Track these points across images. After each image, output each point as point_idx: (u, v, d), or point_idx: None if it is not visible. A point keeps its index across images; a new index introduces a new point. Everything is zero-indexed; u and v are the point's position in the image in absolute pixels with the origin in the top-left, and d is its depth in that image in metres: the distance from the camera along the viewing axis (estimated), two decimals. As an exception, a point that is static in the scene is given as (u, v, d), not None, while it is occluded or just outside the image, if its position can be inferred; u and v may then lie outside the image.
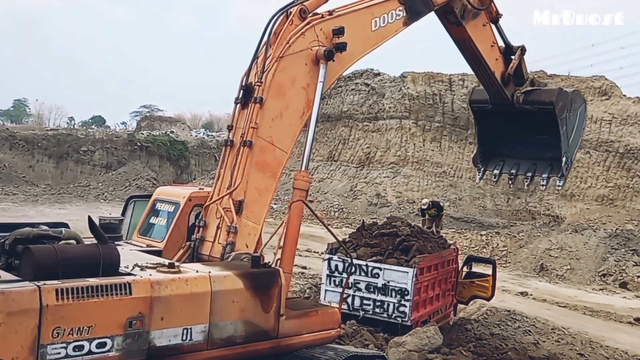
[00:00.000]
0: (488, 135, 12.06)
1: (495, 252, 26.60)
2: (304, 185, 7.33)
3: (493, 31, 10.57)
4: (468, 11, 9.85)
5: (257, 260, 6.49)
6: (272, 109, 7.29)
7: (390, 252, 12.47)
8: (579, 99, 11.45)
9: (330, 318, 7.28)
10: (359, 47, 8.11)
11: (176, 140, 52.68)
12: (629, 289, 22.56)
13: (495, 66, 10.57)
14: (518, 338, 14.15)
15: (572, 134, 11.08)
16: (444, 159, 36.94)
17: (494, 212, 34.30)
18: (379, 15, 8.28)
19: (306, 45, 7.41)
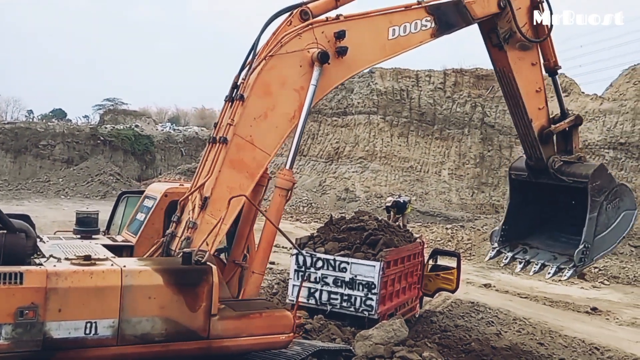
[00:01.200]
0: (519, 214, 10.37)
1: (460, 245, 27.08)
2: (286, 184, 7.21)
3: (542, 76, 9.43)
4: (515, 38, 8.97)
5: (188, 256, 6.25)
6: (254, 108, 7.12)
7: (358, 246, 12.61)
8: (628, 199, 9.60)
9: (279, 322, 6.74)
10: (370, 54, 7.86)
11: (141, 134, 51.72)
12: (586, 279, 23.24)
13: (535, 115, 9.38)
14: (481, 329, 14.51)
15: (606, 230, 9.24)
16: (411, 154, 37.37)
17: (459, 206, 34.88)
18: (399, 23, 7.92)
19: (302, 46, 7.22)
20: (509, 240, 10.33)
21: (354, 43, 7.49)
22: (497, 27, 8.84)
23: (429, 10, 8.16)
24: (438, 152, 36.49)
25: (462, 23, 8.49)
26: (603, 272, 23.77)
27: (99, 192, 37.81)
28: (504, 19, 8.86)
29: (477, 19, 8.57)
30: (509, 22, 8.86)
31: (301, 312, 11.46)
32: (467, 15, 8.45)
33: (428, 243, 21.02)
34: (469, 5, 8.46)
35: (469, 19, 8.49)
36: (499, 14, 8.78)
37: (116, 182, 39.85)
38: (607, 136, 30.69)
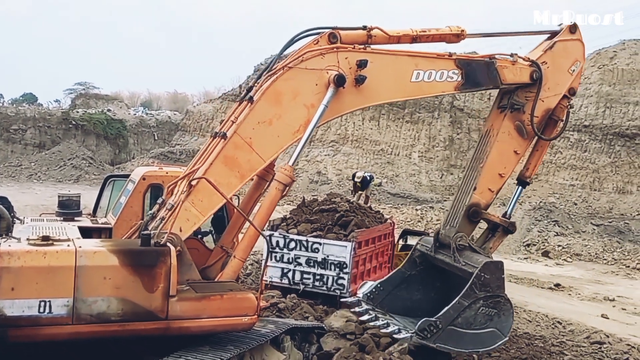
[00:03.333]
0: (400, 284, 9.17)
1: (430, 225, 27.40)
2: (285, 179, 7.21)
3: (513, 166, 8.77)
4: (520, 115, 8.54)
5: (146, 238, 6.26)
6: (261, 112, 7.11)
7: (330, 228, 12.67)
8: (505, 320, 8.12)
9: (242, 304, 6.64)
10: (389, 91, 7.82)
11: (113, 118, 51.06)
12: (550, 257, 23.80)
13: (481, 189, 8.62)
14: (448, 306, 14.72)
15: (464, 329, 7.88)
16: (382, 137, 37.52)
17: (428, 188, 35.23)
18: (425, 69, 7.81)
19: (322, 66, 7.25)
20: (373, 302, 8.89)
21: (375, 76, 7.47)
22: (514, 94, 8.55)
23: (458, 64, 8.03)
24: (408, 135, 36.71)
25: (489, 84, 8.32)
26: (566, 250, 24.36)
27: (71, 176, 37.34)
28: (525, 92, 8.54)
29: (506, 84, 8.36)
30: (527, 99, 8.53)
31: (275, 292, 11.52)
32: (497, 79, 8.29)
33: (398, 224, 21.24)
34: (500, 68, 8.30)
35: (498, 82, 8.31)
36: (526, 85, 8.50)
37: (89, 166, 39.39)
38: (572, 119, 30.97)
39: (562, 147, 31.64)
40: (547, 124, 8.78)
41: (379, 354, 8.46)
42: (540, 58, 8.63)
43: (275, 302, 10.63)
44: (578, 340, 12.90)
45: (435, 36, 8.23)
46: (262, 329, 7.67)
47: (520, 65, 8.45)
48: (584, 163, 30.68)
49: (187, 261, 6.70)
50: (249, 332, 7.46)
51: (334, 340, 9.05)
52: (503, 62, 8.33)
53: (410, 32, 8.06)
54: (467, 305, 7.82)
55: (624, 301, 17.19)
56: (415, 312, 8.83)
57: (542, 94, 8.55)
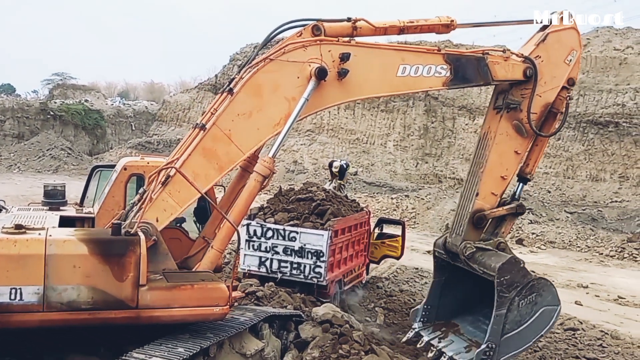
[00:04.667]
0: (442, 294, 9.33)
1: (405, 214, 27.55)
2: (265, 171, 7.06)
3: (516, 169, 8.56)
4: (516, 114, 8.29)
5: (117, 227, 6.28)
6: (241, 105, 7.01)
7: (307, 216, 12.66)
8: (548, 294, 8.30)
9: (213, 294, 6.62)
10: (374, 85, 7.61)
11: (91, 109, 50.50)
12: (524, 245, 24.07)
13: (484, 194, 8.44)
14: (425, 293, 14.73)
15: (518, 328, 8.05)
16: (357, 127, 37.57)
17: (403, 177, 35.41)
18: (412, 63, 7.57)
19: (304, 58, 7.10)
20: (430, 320, 9.23)
21: (359, 70, 7.31)
22: (509, 93, 8.30)
23: (447, 59, 7.77)
24: (383, 124, 36.79)
25: (479, 80, 8.08)
26: (540, 238, 24.65)
27: (50, 166, 37.02)
28: (520, 90, 8.28)
29: (497, 80, 8.11)
30: (523, 97, 8.27)
31: (253, 280, 11.48)
32: (488, 75, 8.00)
33: (374, 212, 21.29)
34: (491, 64, 8.02)
35: (489, 78, 8.04)
36: (520, 82, 8.24)
37: (67, 156, 39.04)
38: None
39: (535, 136, 32.03)
40: (546, 118, 8.49)
41: (354, 343, 8.47)
42: (533, 52, 8.33)
43: (253, 290, 10.60)
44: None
45: (423, 27, 8.09)
46: (240, 317, 7.70)
47: (513, 61, 8.19)
48: (557, 151, 31.03)
49: (163, 251, 6.69)
50: (228, 320, 7.47)
51: (312, 328, 9.04)
52: (495, 58, 8.07)
53: (397, 23, 7.91)
54: (507, 312, 7.93)
55: (597, 288, 17.46)
56: (469, 307, 9.12)
57: (539, 89, 8.27)
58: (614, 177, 29.15)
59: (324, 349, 8.38)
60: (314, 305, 10.76)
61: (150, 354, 6.08)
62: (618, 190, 28.61)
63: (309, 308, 10.38)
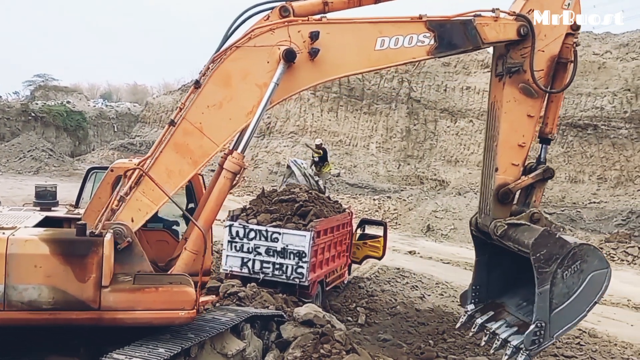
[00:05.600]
0: (487, 271, 8.91)
1: (387, 214, 27.62)
2: (233, 167, 6.84)
3: (533, 133, 7.93)
4: (521, 76, 7.64)
5: (81, 228, 6.21)
6: (210, 96, 6.81)
7: (289, 217, 12.65)
8: (594, 258, 7.67)
9: (177, 298, 6.43)
10: (351, 62, 7.16)
11: (73, 110, 50.03)
12: (504, 244, 24.20)
13: (504, 167, 7.87)
14: (406, 293, 14.91)
15: (568, 300, 7.58)
16: (340, 128, 37.62)
17: (386, 178, 35.51)
18: (390, 35, 7.09)
19: (272, 42, 6.78)
20: (481, 300, 8.80)
21: (334, 48, 6.95)
22: (507, 56, 7.65)
23: (429, 26, 7.21)
24: (366, 127, 36.88)
25: (468, 45, 7.43)
26: (518, 238, 24.79)
27: (31, 167, 36.59)
28: (518, 50, 7.61)
29: (488, 42, 7.47)
30: (524, 57, 7.59)
31: (235, 281, 11.44)
32: (477, 38, 7.37)
33: (356, 213, 21.32)
34: (480, 27, 7.38)
35: (478, 41, 7.40)
36: (517, 42, 7.58)
37: (49, 157, 38.62)
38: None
39: (515, 138, 32.27)
40: (556, 70, 7.81)
41: (336, 343, 8.48)
42: (525, 7, 7.67)
43: (235, 291, 10.58)
44: (530, 325, 13.17)
45: None
46: (222, 318, 7.67)
47: (504, 21, 7.51)
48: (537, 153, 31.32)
49: (137, 252, 6.60)
50: (209, 321, 7.44)
51: (294, 328, 9.04)
52: (483, 19, 7.41)
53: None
54: (551, 286, 7.46)
55: (574, 286, 17.59)
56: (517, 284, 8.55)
57: (539, 44, 7.60)
58: (592, 178, 29.50)
59: (306, 349, 8.38)
60: (296, 305, 10.77)
61: (130, 354, 6.03)
62: (596, 192, 28.94)
63: (291, 308, 10.39)
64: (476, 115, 33.53)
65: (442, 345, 11.59)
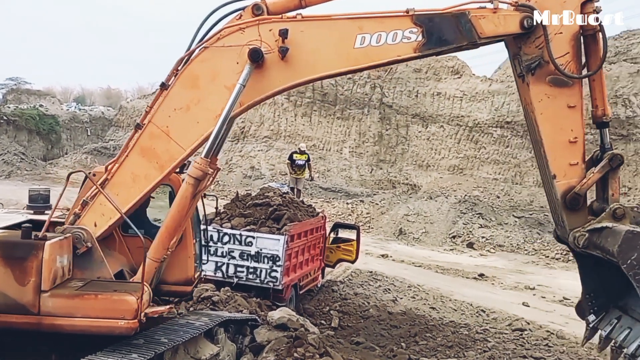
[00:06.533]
0: (596, 277, 7.60)
1: (360, 218, 27.69)
2: (196, 172, 6.41)
3: (583, 123, 6.82)
4: (546, 69, 6.60)
5: (27, 231, 6.07)
6: (177, 98, 6.51)
7: (263, 221, 12.60)
8: None
9: (117, 306, 6.10)
10: (328, 62, 6.54)
11: (46, 114, 49.09)
12: (474, 248, 24.50)
13: (561, 171, 6.78)
14: (379, 296, 14.95)
15: None
16: (314, 133, 37.61)
17: (359, 182, 35.60)
18: (372, 31, 6.41)
19: (242, 42, 6.37)
20: (601, 308, 7.52)
21: (309, 47, 6.44)
22: (521, 53, 6.65)
23: (416, 21, 6.42)
24: (339, 131, 36.94)
25: (462, 40, 6.51)
26: (489, 241, 25.11)
27: (3, 171, 35.93)
28: (532, 43, 6.60)
29: (485, 37, 6.51)
30: (540, 48, 6.56)
31: (209, 285, 11.33)
32: (472, 33, 6.47)
33: (330, 217, 21.33)
34: (475, 20, 6.46)
35: (474, 36, 6.48)
36: (525, 35, 6.58)
37: (21, 161, 37.98)
38: (495, 115, 32.18)
39: (485, 143, 32.66)
40: (586, 45, 6.79)
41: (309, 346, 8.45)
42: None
43: (209, 295, 10.49)
44: (501, 328, 13.33)
45: None
46: (196, 322, 7.59)
47: (505, 12, 6.54)
48: (506, 158, 31.72)
49: (97, 258, 6.46)
50: (183, 325, 7.34)
51: (267, 332, 8.99)
52: (479, 11, 6.52)
53: None
54: None
55: (543, 290, 17.87)
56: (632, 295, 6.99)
57: (554, 27, 6.58)
58: (559, 183, 30.03)
59: (279, 353, 8.34)
60: (270, 309, 10.72)
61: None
62: (562, 196, 29.45)
63: (265, 312, 10.33)
64: (447, 120, 33.85)
65: (414, 348, 11.62)
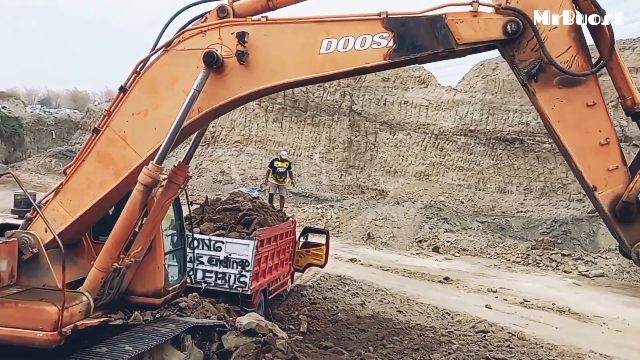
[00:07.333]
0: None
1: (329, 223, 27.69)
2: (146, 179, 6.01)
3: (610, 120, 5.89)
4: (549, 71, 5.75)
5: None
6: (135, 103, 6.20)
7: (233, 226, 12.48)
8: None
9: (36, 317, 5.77)
10: (290, 68, 6.03)
11: (8, 116, 47.76)
12: (440, 252, 24.75)
13: (600, 180, 5.82)
14: (347, 300, 14.93)
15: None
16: (285, 139, 37.49)
17: (328, 187, 35.60)
18: (339, 36, 5.86)
19: (203, 45, 5.98)
20: None
21: (271, 51, 6.00)
22: (516, 61, 5.85)
23: (387, 25, 5.81)
24: (310, 137, 36.90)
25: (437, 47, 5.81)
26: (454, 245, 25.41)
27: (-38, 175, 34.69)
28: (525, 47, 5.80)
29: (464, 44, 5.81)
30: (536, 50, 5.75)
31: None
32: (449, 38, 5.77)
33: (300, 222, 21.25)
34: (452, 24, 5.77)
35: (450, 42, 5.78)
36: (513, 41, 5.81)
37: (-19, 163, 36.83)
38: (460, 124, 32.55)
39: (450, 150, 32.99)
40: (594, 33, 5.98)
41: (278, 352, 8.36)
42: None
43: (176, 301, 10.28)
44: (465, 330, 13.44)
45: None
46: (162, 329, 7.43)
47: (486, 16, 5.86)
48: (469, 165, 32.12)
49: (43, 265, 6.19)
50: (148, 332, 7.18)
51: (235, 338, 8.88)
52: (458, 14, 5.86)
53: None
54: None
55: (505, 292, 18.14)
56: None
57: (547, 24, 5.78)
58: (519, 189, 30.44)
59: (247, 358, 8.24)
60: (239, 314, 10.60)
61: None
62: (523, 202, 29.88)
63: (233, 318, 10.21)
64: (413, 128, 34.14)
65: (382, 351, 11.63)
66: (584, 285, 20.49)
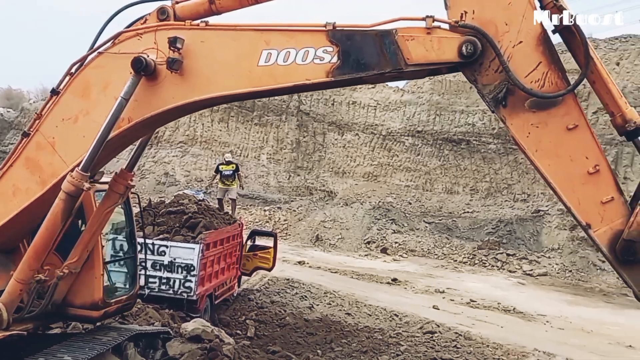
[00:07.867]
0: None
1: (277, 225, 27.63)
2: (68, 187, 5.64)
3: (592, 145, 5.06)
4: (518, 95, 5.01)
5: None
6: (66, 107, 5.89)
7: (177, 230, 12.28)
8: None
9: None
10: (225, 80, 5.53)
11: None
12: (388, 253, 25.05)
13: (594, 216, 5.05)
14: (295, 303, 14.92)
15: None
16: (231, 139, 37.16)
17: (276, 189, 35.51)
18: (280, 47, 5.33)
19: (138, 49, 5.62)
20: None
21: (207, 60, 5.54)
22: (479, 85, 5.14)
23: (332, 38, 5.22)
24: (257, 138, 36.71)
25: (385, 65, 5.16)
26: (402, 247, 25.76)
27: None
28: (487, 69, 5.08)
29: (414, 64, 5.13)
30: (500, 72, 5.02)
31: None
32: (397, 58, 5.13)
33: (247, 224, 21.11)
34: (402, 41, 5.12)
35: (399, 62, 5.13)
36: (471, 63, 5.09)
37: None
38: (407, 125, 33.06)
39: (398, 151, 33.46)
40: (567, 43, 5.24)
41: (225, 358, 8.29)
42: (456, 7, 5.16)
43: (119, 308, 10.02)
44: (412, 331, 13.65)
45: None
46: (103, 337, 7.24)
47: (441, 34, 5.12)
48: (417, 165, 32.66)
49: None
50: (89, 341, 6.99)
51: (180, 345, 8.73)
52: (409, 30, 5.16)
53: None
54: None
55: (452, 293, 18.50)
56: None
57: (508, 42, 5.03)
58: (465, 190, 31.15)
59: (193, 366, 8.11)
60: (184, 320, 10.43)
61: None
62: (469, 202, 30.59)
63: (178, 324, 10.04)
64: (361, 128, 34.45)
65: (330, 355, 11.68)
66: (528, 284, 21.13)
